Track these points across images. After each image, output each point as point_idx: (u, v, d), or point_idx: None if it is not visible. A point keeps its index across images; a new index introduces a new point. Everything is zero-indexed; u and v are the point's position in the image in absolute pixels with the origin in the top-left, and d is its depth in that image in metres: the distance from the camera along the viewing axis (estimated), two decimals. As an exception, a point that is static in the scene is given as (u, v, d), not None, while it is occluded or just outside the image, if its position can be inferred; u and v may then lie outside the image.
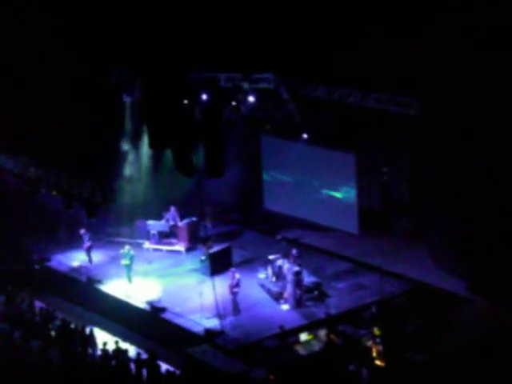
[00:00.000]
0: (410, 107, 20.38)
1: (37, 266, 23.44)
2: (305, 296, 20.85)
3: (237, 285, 20.62)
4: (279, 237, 23.82)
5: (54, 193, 22.88)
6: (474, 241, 19.69)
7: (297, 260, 21.55)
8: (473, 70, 18.39)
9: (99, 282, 22.81)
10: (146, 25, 23.29)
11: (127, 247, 22.85)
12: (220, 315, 20.10)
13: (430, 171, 21.27)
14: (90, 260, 24.14)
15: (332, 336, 18.94)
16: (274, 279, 22.00)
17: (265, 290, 21.87)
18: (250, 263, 23.67)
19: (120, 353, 17.96)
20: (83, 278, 23.20)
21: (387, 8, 19.86)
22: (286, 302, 20.94)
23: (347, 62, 20.62)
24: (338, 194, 24.20)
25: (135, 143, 26.38)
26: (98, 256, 24.62)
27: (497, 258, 19.38)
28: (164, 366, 17.86)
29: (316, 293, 21.15)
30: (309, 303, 20.84)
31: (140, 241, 25.19)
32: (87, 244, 24.02)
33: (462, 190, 19.75)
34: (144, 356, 17.84)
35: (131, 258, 22.74)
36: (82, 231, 24.01)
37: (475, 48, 18.26)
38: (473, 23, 18.30)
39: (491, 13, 18.14)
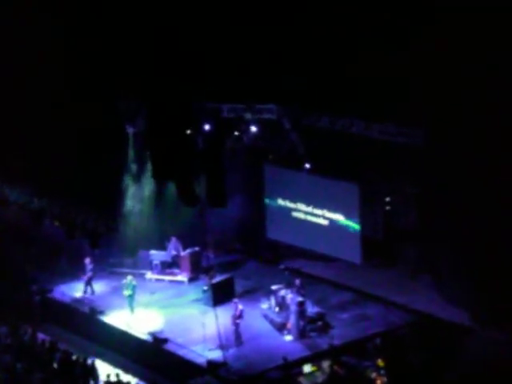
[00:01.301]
0: (414, 137, 20.41)
1: (37, 297, 23.26)
2: (308, 327, 20.72)
3: (240, 315, 20.52)
4: (282, 267, 23.75)
5: (57, 223, 22.88)
6: (479, 271, 19.60)
7: (300, 290, 21.46)
8: (478, 97, 18.44)
9: (101, 312, 22.69)
10: (149, 55, 23.47)
11: (129, 277, 22.78)
12: (223, 346, 19.97)
13: (435, 201, 21.23)
14: (92, 291, 24.02)
15: (336, 367, 18.80)
16: (277, 310, 21.88)
17: (268, 321, 21.75)
18: (253, 293, 23.55)
19: (122, 385, 17.84)
20: (85, 309, 23.09)
21: (390, 38, 20.00)
22: (289, 332, 20.81)
23: (350, 92, 20.74)
24: (341, 224, 24.15)
25: (138, 173, 26.41)
26: (100, 286, 24.53)
27: (504, 288, 19.27)
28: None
29: (320, 323, 21.01)
30: (312, 334, 20.71)
31: (142, 271, 25.11)
32: (88, 274, 23.93)
33: (467, 220, 19.70)
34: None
35: (133, 289, 22.65)
36: (87, 260, 23.92)
37: (480, 76, 18.33)
38: (478, 51, 18.38)
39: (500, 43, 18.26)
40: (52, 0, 24.19)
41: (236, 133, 25.17)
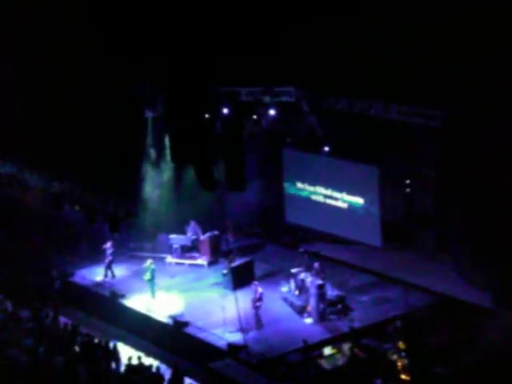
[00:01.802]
0: (434, 119, 20.28)
1: (57, 282, 23.41)
2: (328, 309, 20.73)
3: (259, 299, 20.54)
4: (301, 250, 23.73)
5: (78, 208, 23.00)
6: (499, 252, 19.49)
7: (320, 273, 21.47)
8: (498, 79, 18.25)
9: (122, 296, 22.83)
10: (168, 40, 23.44)
11: (149, 261, 22.87)
12: (243, 329, 20.03)
13: (454, 183, 21.10)
14: (113, 274, 24.16)
15: (356, 350, 18.81)
16: (296, 293, 21.91)
17: (288, 304, 21.78)
18: (273, 277, 23.59)
19: (143, 368, 17.94)
20: (106, 293, 23.25)
21: (410, 21, 19.82)
22: (309, 315, 20.84)
23: (369, 74, 20.60)
24: (360, 207, 24.09)
25: (157, 158, 26.46)
26: (120, 270, 24.67)
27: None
28: (187, 381, 17.81)
29: (340, 306, 21.00)
30: (332, 317, 20.71)
31: (162, 255, 25.21)
32: (109, 258, 24.06)
33: (486, 202, 19.57)
34: (166, 370, 17.82)
35: (153, 273, 22.75)
36: (108, 245, 24.04)
37: (500, 59, 18.15)
38: (497, 35, 18.19)
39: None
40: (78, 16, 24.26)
41: (254, 116, 25.11)
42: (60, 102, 24.64)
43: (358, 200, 24.09)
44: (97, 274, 24.46)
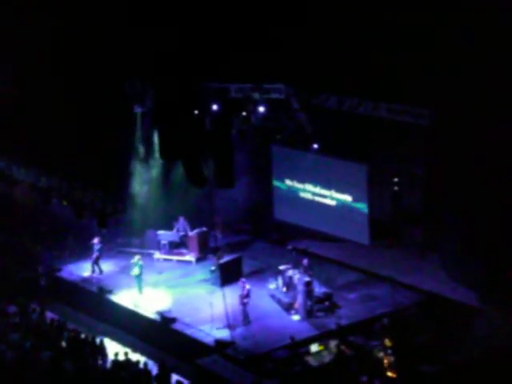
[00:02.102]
0: (422, 117, 20.34)
1: (43, 278, 23.30)
2: (315, 307, 20.78)
3: (247, 295, 20.57)
4: (290, 247, 23.74)
5: (65, 202, 22.93)
6: (486, 251, 19.58)
7: (307, 270, 21.51)
8: (486, 77, 18.32)
9: (110, 292, 22.80)
10: (157, 35, 23.37)
11: (137, 257, 22.84)
12: (230, 326, 20.06)
13: (442, 181, 21.18)
14: (100, 270, 24.12)
15: (343, 347, 18.86)
16: (284, 290, 21.94)
17: (275, 301, 21.81)
18: (261, 273, 23.63)
19: (130, 364, 17.92)
20: (94, 289, 23.19)
21: (399, 18, 19.85)
22: (296, 312, 20.88)
23: (358, 72, 20.63)
24: (348, 205, 24.13)
25: (146, 154, 26.40)
26: (108, 266, 24.63)
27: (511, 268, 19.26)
28: (174, 377, 17.78)
29: (327, 303, 21.06)
30: (319, 314, 20.77)
31: (150, 251, 25.19)
32: (96, 254, 24.00)
33: (474, 200, 19.65)
34: (153, 366, 17.82)
35: (141, 268, 22.72)
36: (95, 240, 23.99)
37: (489, 56, 18.21)
38: (486, 33, 18.24)
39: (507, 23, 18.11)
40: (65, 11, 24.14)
41: (244, 113, 25.09)
42: (48, 98, 24.53)
43: (347, 198, 24.14)
44: (84, 270, 24.41)
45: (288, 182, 25.94)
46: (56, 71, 24.47)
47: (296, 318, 20.77)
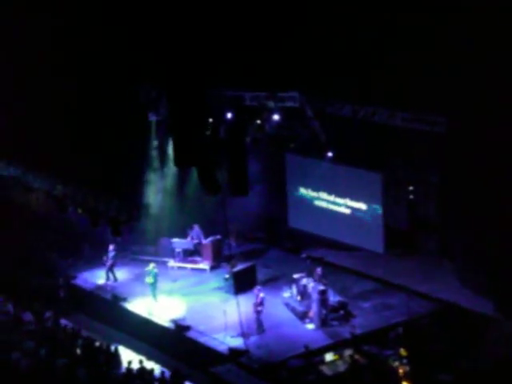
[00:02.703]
0: (437, 125, 20.26)
1: (62, 289, 23.33)
2: (330, 315, 20.70)
3: (261, 303, 20.53)
4: (304, 255, 23.70)
5: (80, 211, 23.01)
6: (502, 260, 19.45)
7: (322, 279, 21.45)
8: (500, 85, 18.24)
9: (124, 299, 22.83)
10: (172, 43, 23.43)
11: (152, 265, 22.87)
12: (244, 334, 20.01)
13: (457, 189, 21.07)
14: (115, 278, 24.18)
15: (357, 356, 18.78)
16: (298, 298, 21.88)
17: (289, 309, 21.75)
18: (275, 282, 23.58)
19: (145, 372, 17.92)
20: (108, 296, 23.23)
21: (413, 26, 19.80)
22: (311, 321, 20.81)
23: (373, 80, 20.59)
24: (363, 213, 24.06)
25: (161, 161, 26.47)
26: (122, 274, 24.68)
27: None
28: (188, 385, 17.80)
29: (341, 312, 20.98)
30: (334, 323, 20.68)
31: (165, 259, 25.22)
32: (110, 261, 24.06)
33: (490, 209, 19.54)
34: (168, 375, 17.81)
35: (155, 276, 22.74)
36: (110, 248, 24.05)
37: (502, 63, 18.13)
38: (499, 41, 18.18)
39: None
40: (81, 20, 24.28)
41: (258, 121, 25.10)
42: (64, 105, 24.64)
43: (361, 206, 24.06)
44: (99, 277, 24.46)
45: (302, 190, 25.90)
46: (72, 80, 24.59)
47: (310, 326, 20.71)
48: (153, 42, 23.64)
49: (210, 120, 25.16)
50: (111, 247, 24.08)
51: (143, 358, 18.80)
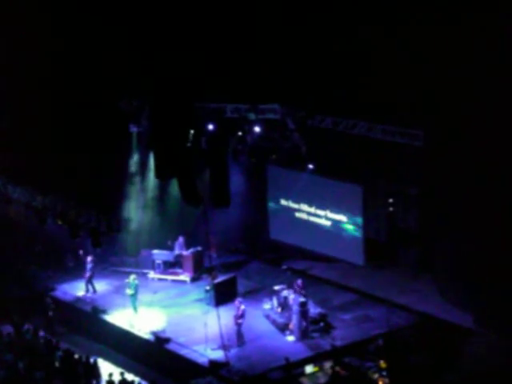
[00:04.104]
0: (416, 138, 20.43)
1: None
2: (310, 327, 20.72)
3: (242, 315, 20.52)
4: (285, 267, 23.74)
5: (60, 222, 22.90)
6: (481, 272, 19.59)
7: (302, 291, 21.48)
8: (478, 99, 18.45)
9: (104, 311, 22.72)
10: (154, 55, 23.47)
11: (132, 277, 22.78)
12: (225, 346, 19.98)
13: (437, 202, 21.24)
14: (94, 289, 24.07)
15: (338, 368, 18.80)
16: (279, 310, 21.89)
17: (270, 321, 21.75)
18: (256, 294, 23.57)
19: (125, 384, 17.86)
20: (88, 308, 23.11)
21: (393, 41, 20.00)
22: (291, 333, 20.82)
23: (353, 94, 20.74)
24: (343, 225, 24.14)
25: (142, 173, 26.43)
26: (102, 286, 24.56)
27: (505, 290, 19.25)
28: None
29: (322, 324, 21.02)
30: (314, 335, 20.72)
31: (145, 270, 25.14)
32: (88, 274, 23.96)
33: (469, 222, 19.69)
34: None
35: (136, 288, 22.66)
36: (88, 259, 23.96)
37: (479, 78, 18.35)
38: (476, 53, 18.41)
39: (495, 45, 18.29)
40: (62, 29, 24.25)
41: (239, 133, 25.16)
42: (45, 116, 24.56)
43: (342, 218, 24.16)
44: (78, 289, 24.33)
45: (283, 202, 25.96)
46: (52, 89, 24.51)
47: (291, 338, 20.72)
48: (137, 55, 23.67)
49: (192, 131, 25.20)
50: (89, 259, 24.00)
51: (124, 371, 18.71)
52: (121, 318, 22.34)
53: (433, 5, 19.35)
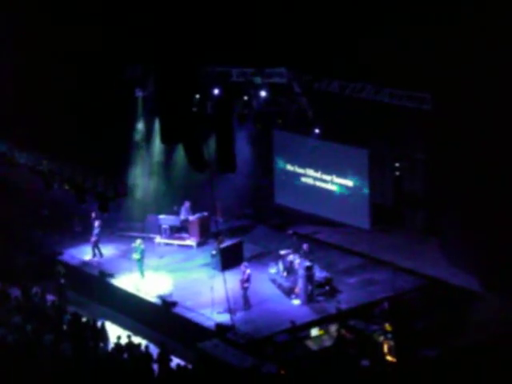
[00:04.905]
0: (424, 102, 20.27)
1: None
2: (316, 291, 20.80)
3: (247, 280, 20.60)
4: (290, 232, 23.77)
5: (67, 187, 22.92)
6: (488, 236, 19.57)
7: (308, 255, 21.52)
8: (487, 63, 18.26)
9: (111, 275, 22.84)
10: (158, 20, 23.27)
11: (138, 241, 22.85)
12: (231, 310, 20.08)
13: (444, 166, 21.15)
14: (100, 254, 24.18)
15: (343, 331, 18.90)
16: (284, 274, 21.97)
17: (276, 285, 21.85)
18: (261, 258, 23.66)
19: (132, 347, 17.99)
20: (95, 272, 23.25)
21: (402, 4, 19.76)
22: (297, 297, 20.91)
23: (361, 57, 20.55)
24: (350, 190, 24.10)
25: (147, 138, 26.38)
26: (109, 250, 24.67)
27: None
28: (175, 360, 17.87)
29: (327, 288, 21.10)
30: (320, 298, 20.80)
31: (151, 235, 25.22)
32: (94, 238, 24.05)
33: (476, 185, 19.62)
34: (155, 350, 17.89)
35: (142, 253, 22.74)
36: (96, 223, 24.02)
37: (489, 43, 18.14)
38: (486, 20, 18.18)
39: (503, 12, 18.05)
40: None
41: (245, 97, 25.01)
42: (50, 82, 24.47)
43: (348, 183, 24.11)
44: (85, 253, 24.45)
45: (289, 167, 25.91)
46: (56, 57, 24.40)
47: (296, 302, 20.81)
48: (140, 19, 23.46)
49: (197, 96, 25.08)
50: (97, 223, 24.06)
51: (131, 334, 18.86)
52: (128, 282, 22.46)
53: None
